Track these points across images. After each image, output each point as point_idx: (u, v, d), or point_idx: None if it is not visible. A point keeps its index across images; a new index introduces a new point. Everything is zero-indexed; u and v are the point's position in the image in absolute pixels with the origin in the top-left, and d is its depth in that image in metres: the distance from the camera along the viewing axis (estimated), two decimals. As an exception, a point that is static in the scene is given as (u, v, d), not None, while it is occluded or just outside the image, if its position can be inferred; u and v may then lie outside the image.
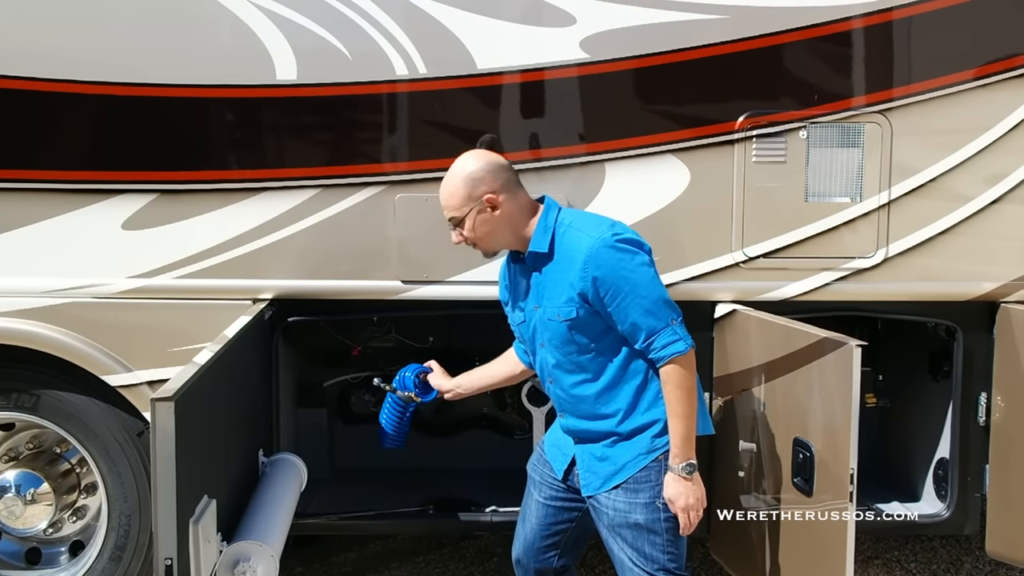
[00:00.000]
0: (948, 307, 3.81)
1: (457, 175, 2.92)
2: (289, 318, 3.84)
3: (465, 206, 2.90)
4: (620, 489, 2.92)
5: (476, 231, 2.93)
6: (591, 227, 2.85)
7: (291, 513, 3.60)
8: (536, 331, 3.00)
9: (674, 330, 2.79)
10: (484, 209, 2.89)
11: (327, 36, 3.61)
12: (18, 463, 4.01)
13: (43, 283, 3.74)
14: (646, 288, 2.78)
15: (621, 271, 2.77)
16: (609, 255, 2.77)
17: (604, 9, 3.61)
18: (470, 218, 2.91)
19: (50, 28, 3.62)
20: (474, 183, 2.89)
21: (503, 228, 2.93)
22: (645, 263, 2.82)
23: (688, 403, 2.82)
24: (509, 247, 3.00)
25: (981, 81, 3.66)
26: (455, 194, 2.91)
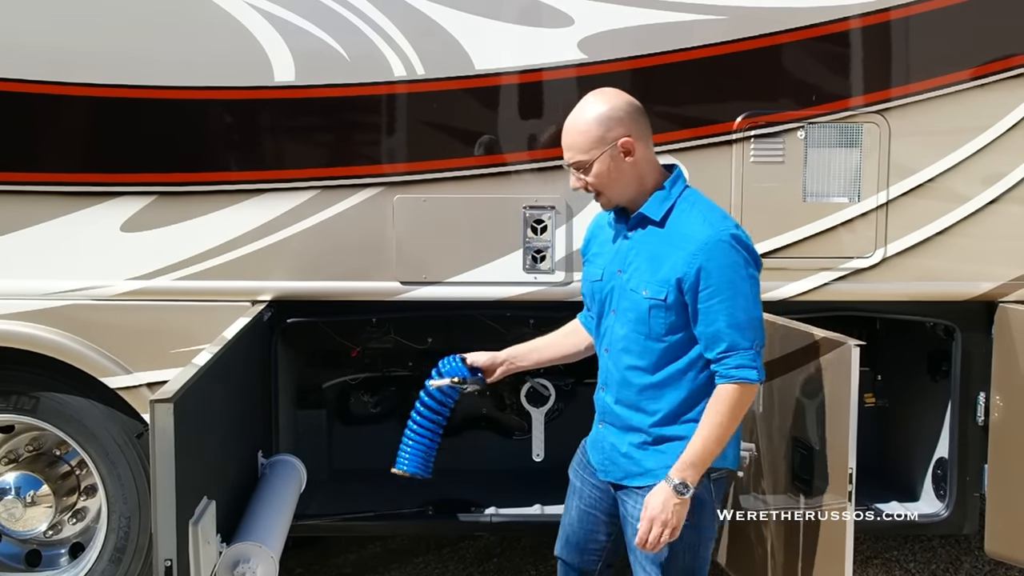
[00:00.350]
0: (946, 307, 3.81)
1: (589, 113, 2.65)
2: (288, 319, 3.84)
3: (596, 149, 2.63)
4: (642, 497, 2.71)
5: (602, 178, 2.65)
6: (717, 217, 2.66)
7: (290, 514, 3.60)
8: (612, 296, 2.77)
9: (754, 356, 2.61)
10: (617, 154, 2.63)
11: (325, 38, 3.61)
12: (18, 465, 4.01)
13: (42, 285, 3.74)
14: (745, 301, 2.60)
15: (730, 273, 2.58)
16: (725, 252, 2.58)
17: (602, 10, 3.61)
18: (600, 162, 2.63)
19: (49, 30, 3.62)
20: (609, 123, 2.62)
21: (632, 179, 2.67)
22: (754, 277, 2.65)
23: (722, 430, 2.61)
24: (628, 202, 2.72)
25: (979, 81, 3.67)
26: (586, 134, 2.64)
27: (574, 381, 4.38)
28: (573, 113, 2.73)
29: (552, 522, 4.10)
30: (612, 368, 2.82)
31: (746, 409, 2.66)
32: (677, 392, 2.71)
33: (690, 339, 2.68)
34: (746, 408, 2.66)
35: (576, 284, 3.75)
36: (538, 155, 3.71)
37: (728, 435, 2.65)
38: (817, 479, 3.11)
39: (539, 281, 3.75)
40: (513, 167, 3.72)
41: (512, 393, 4.37)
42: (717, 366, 2.63)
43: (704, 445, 2.61)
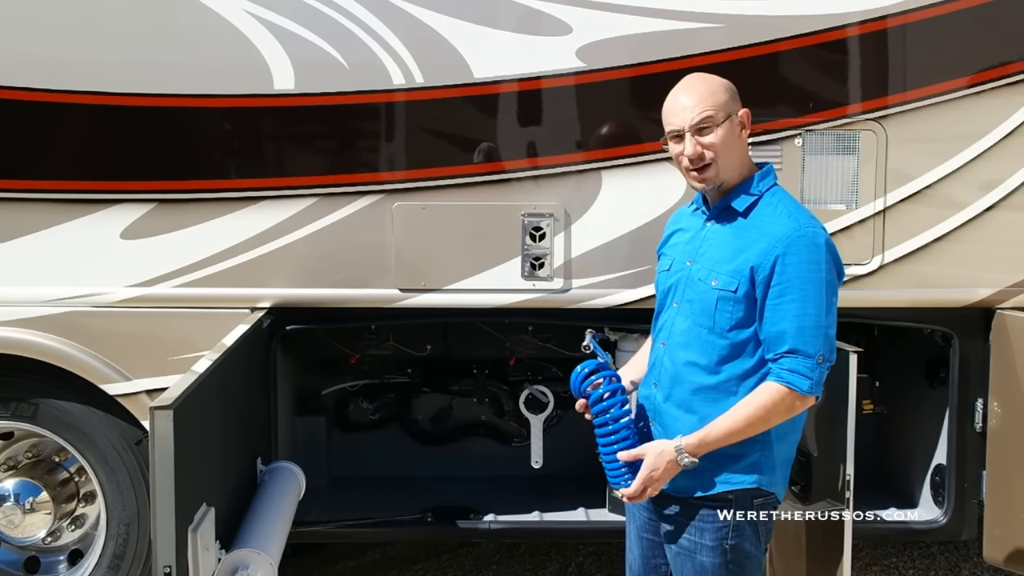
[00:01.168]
0: (944, 313, 3.82)
1: (714, 81, 2.64)
2: (287, 326, 3.84)
3: (725, 110, 2.58)
4: (685, 518, 2.64)
5: (723, 144, 2.57)
6: (804, 215, 2.57)
7: (289, 521, 3.60)
8: (677, 287, 2.69)
9: (814, 366, 2.48)
10: (738, 123, 2.61)
11: (324, 46, 3.62)
12: (17, 472, 4.01)
13: (42, 292, 3.75)
14: (816, 305, 2.49)
15: (807, 272, 2.48)
16: (806, 249, 2.49)
17: (600, 18, 3.62)
18: (724, 127, 2.57)
19: (49, 38, 3.63)
20: (734, 93, 2.63)
21: (742, 155, 2.64)
22: (832, 284, 2.54)
23: (748, 424, 2.50)
24: (727, 180, 2.62)
25: (975, 88, 3.68)
26: (717, 94, 2.60)
27: (572, 388, 4.39)
28: (688, 83, 2.68)
29: (550, 529, 4.14)
30: (668, 363, 2.69)
31: (784, 417, 2.53)
32: (732, 400, 2.57)
33: (755, 341, 2.57)
34: (784, 416, 2.52)
35: (574, 291, 3.76)
36: (537, 163, 3.72)
37: (751, 431, 2.52)
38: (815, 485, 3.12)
39: (538, 288, 3.76)
40: (512, 175, 3.73)
41: (511, 400, 4.38)
42: (773, 365, 2.52)
43: (725, 430, 2.51)
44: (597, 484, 4.16)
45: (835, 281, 2.56)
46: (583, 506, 4.18)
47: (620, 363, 3.92)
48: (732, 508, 2.60)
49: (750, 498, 2.61)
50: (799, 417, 2.62)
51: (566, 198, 3.73)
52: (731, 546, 2.60)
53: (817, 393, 2.51)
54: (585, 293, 3.76)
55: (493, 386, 4.42)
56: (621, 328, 3.91)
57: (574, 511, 4.16)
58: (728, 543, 2.60)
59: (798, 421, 2.65)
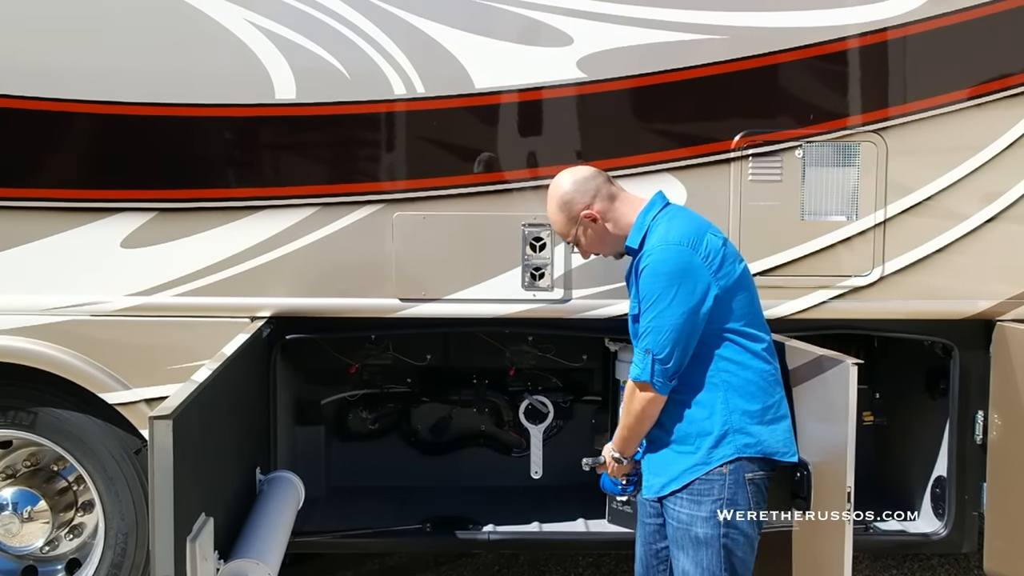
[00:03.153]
0: (944, 325, 3.82)
1: (553, 204, 3.11)
2: (287, 336, 3.84)
3: (571, 227, 3.09)
4: (682, 497, 2.94)
5: (589, 245, 3.13)
6: (662, 231, 2.94)
7: (288, 531, 3.59)
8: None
9: (642, 358, 2.88)
10: (587, 224, 3.06)
11: (326, 56, 3.63)
12: (15, 481, 4.01)
13: (42, 301, 3.75)
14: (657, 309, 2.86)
15: (649, 284, 2.87)
16: (649, 265, 2.89)
17: (601, 29, 3.63)
18: (580, 236, 3.10)
19: (50, 47, 3.64)
20: (569, 205, 3.06)
21: (611, 233, 3.07)
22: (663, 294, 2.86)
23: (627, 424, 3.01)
24: (617, 249, 3.13)
25: (975, 101, 3.69)
26: (557, 221, 3.12)
27: (572, 399, 4.39)
28: (548, 200, 3.14)
29: (550, 540, 4.13)
30: None
31: (635, 409, 2.94)
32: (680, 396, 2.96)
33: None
34: (632, 407, 2.95)
35: (574, 302, 3.76)
36: (537, 173, 3.72)
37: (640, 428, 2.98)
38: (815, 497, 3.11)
39: (538, 299, 3.76)
40: (512, 185, 3.73)
41: (510, 410, 4.37)
42: None
43: (618, 433, 3.09)
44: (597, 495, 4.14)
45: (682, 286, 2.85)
46: (583, 517, 4.17)
47: (620, 373, 3.94)
48: (725, 482, 2.90)
49: (742, 473, 2.91)
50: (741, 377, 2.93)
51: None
52: (726, 520, 2.89)
53: (644, 380, 2.88)
54: (585, 304, 3.76)
55: (493, 396, 4.42)
56: (621, 339, 3.91)
57: (574, 522, 4.15)
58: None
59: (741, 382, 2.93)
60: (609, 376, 4.18)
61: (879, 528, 4.02)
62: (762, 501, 2.96)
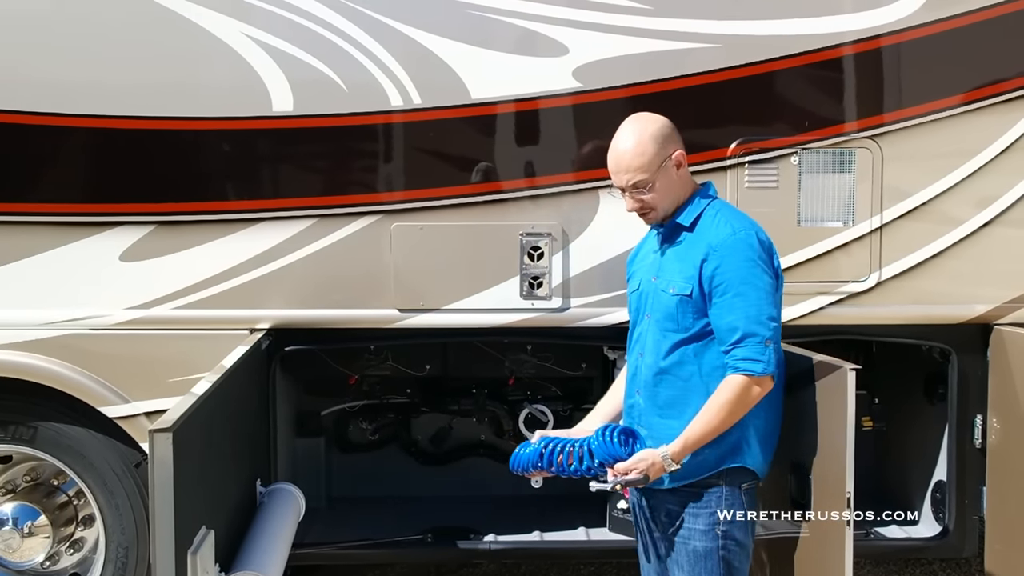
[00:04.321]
0: (942, 330, 3.83)
1: (643, 134, 2.79)
2: (286, 347, 3.84)
3: (654, 165, 2.77)
4: (676, 507, 2.84)
5: (656, 195, 2.80)
6: (739, 221, 2.82)
7: (289, 543, 3.59)
8: (646, 302, 2.94)
9: (762, 349, 2.70)
10: (671, 167, 2.80)
11: (323, 68, 3.64)
12: (16, 496, 4.00)
13: (41, 315, 3.75)
14: (758, 297, 2.72)
15: (744, 270, 2.72)
16: (741, 250, 2.74)
17: (597, 39, 3.65)
18: (659, 179, 2.79)
19: (49, 62, 3.65)
20: (664, 140, 2.79)
21: (679, 190, 2.85)
22: (770, 277, 2.76)
23: (718, 420, 2.72)
24: (669, 211, 2.87)
25: (970, 106, 3.71)
26: (645, 154, 2.76)
27: (572, 407, 4.39)
28: (621, 139, 2.84)
29: (551, 549, 4.12)
30: (645, 371, 2.93)
31: (750, 403, 2.73)
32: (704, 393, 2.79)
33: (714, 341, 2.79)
34: (749, 402, 2.73)
35: (572, 310, 3.77)
36: (534, 182, 3.74)
37: (725, 425, 2.73)
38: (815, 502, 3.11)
39: (536, 307, 3.77)
40: (510, 194, 3.74)
41: (510, 419, 4.37)
42: (727, 358, 2.74)
43: (700, 431, 2.73)
44: (597, 504, 4.16)
45: (771, 274, 2.78)
46: (584, 525, 4.17)
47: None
48: (722, 493, 2.81)
49: (738, 482, 2.83)
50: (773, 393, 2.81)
51: (564, 217, 3.74)
52: (723, 532, 2.81)
53: (771, 372, 2.72)
54: (583, 312, 3.77)
55: (492, 406, 4.42)
56: (620, 347, 3.91)
57: (574, 531, 4.15)
58: (720, 528, 2.80)
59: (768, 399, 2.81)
60: (608, 384, 4.17)
61: (880, 533, 4.02)
62: (755, 508, 2.92)
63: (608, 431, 2.81)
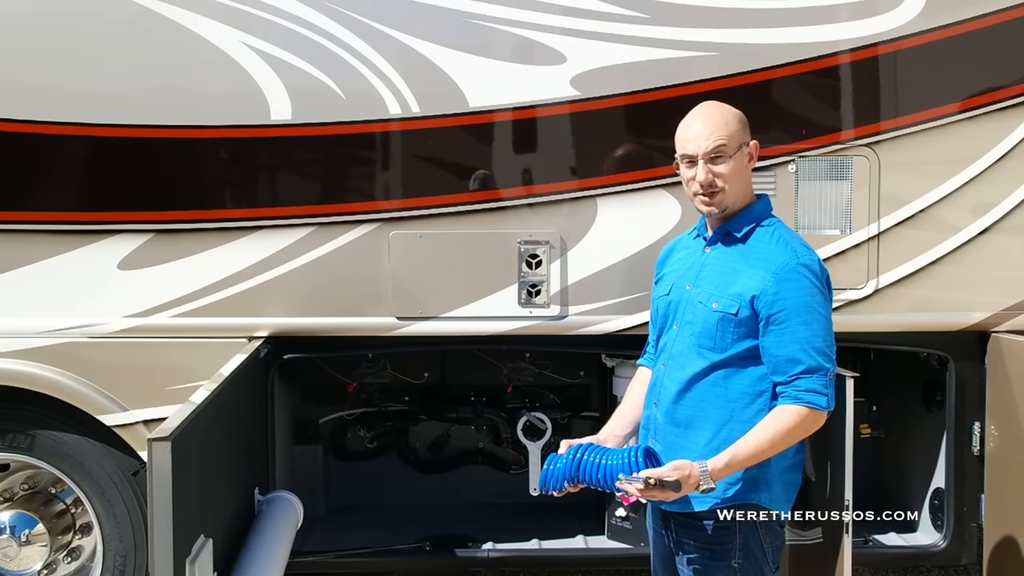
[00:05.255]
0: (939, 337, 3.83)
1: (728, 111, 2.72)
2: (284, 355, 3.84)
3: (738, 140, 2.67)
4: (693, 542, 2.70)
5: (731, 173, 2.66)
6: (798, 244, 2.69)
7: (287, 552, 3.59)
8: (676, 310, 2.77)
9: (827, 383, 2.58)
10: (746, 154, 2.71)
11: (321, 76, 3.65)
12: (13, 504, 3.99)
13: (39, 323, 3.75)
14: (822, 327, 2.61)
15: (807, 298, 2.60)
16: (804, 277, 2.60)
17: (594, 47, 3.66)
18: (736, 158, 2.67)
19: (46, 70, 3.66)
20: (745, 125, 2.72)
21: (746, 185, 2.74)
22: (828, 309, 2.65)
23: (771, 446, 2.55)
24: (731, 206, 2.71)
25: (966, 114, 3.72)
26: (731, 123, 2.68)
27: (570, 415, 4.39)
28: (703, 110, 2.74)
29: (550, 557, 4.12)
30: (668, 383, 2.76)
31: (805, 435, 2.61)
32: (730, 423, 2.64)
33: (753, 360, 2.64)
34: (805, 434, 2.61)
35: (570, 318, 3.77)
36: (532, 190, 3.74)
37: (775, 452, 2.58)
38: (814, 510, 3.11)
39: (534, 315, 3.77)
40: (508, 202, 3.75)
41: (508, 427, 4.37)
42: (787, 387, 2.59)
43: (749, 452, 2.54)
44: (596, 512, 4.16)
45: (829, 307, 2.67)
46: (582, 533, 4.17)
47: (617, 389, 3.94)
48: (738, 528, 2.65)
49: (756, 520, 2.66)
50: None
51: (562, 225, 3.75)
52: (739, 565, 2.65)
53: (832, 408, 2.60)
54: (582, 320, 3.77)
55: (491, 413, 4.41)
56: (618, 354, 3.92)
57: (573, 539, 4.15)
58: (736, 562, 2.65)
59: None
60: (607, 392, 4.19)
61: (878, 541, 4.02)
62: (776, 539, 2.73)
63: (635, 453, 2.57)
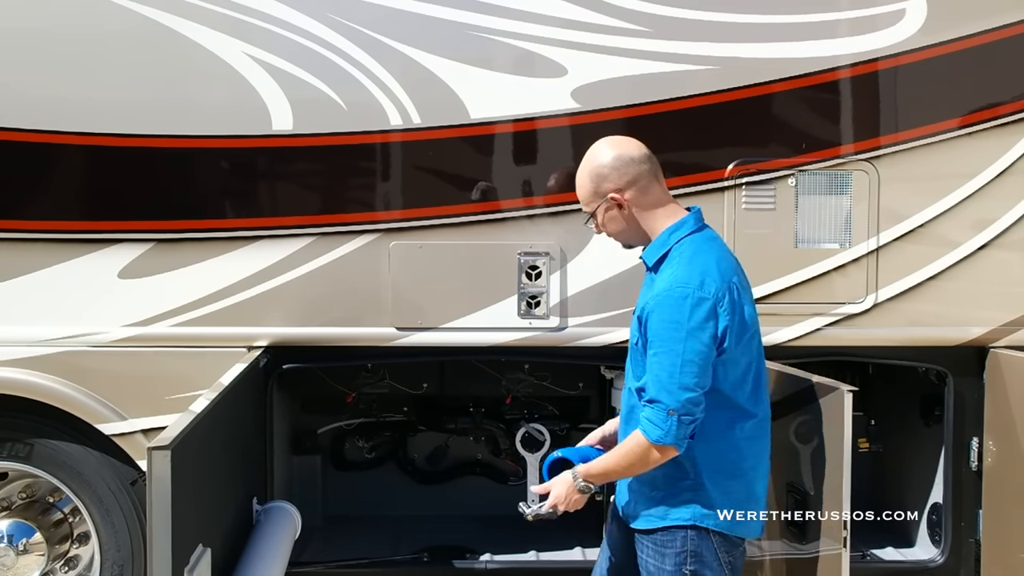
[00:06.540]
0: (938, 352, 3.84)
1: (585, 169, 2.77)
2: (284, 365, 3.84)
3: (592, 202, 2.75)
4: (647, 545, 2.75)
5: (606, 227, 2.78)
6: (684, 271, 2.61)
7: (285, 562, 3.58)
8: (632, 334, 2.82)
9: (665, 417, 2.54)
10: (611, 207, 2.73)
11: (322, 87, 3.66)
12: (11, 513, 3.99)
13: (39, 332, 3.75)
14: (672, 362, 2.54)
15: (670, 330, 2.56)
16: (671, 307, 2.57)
17: (595, 60, 3.67)
18: (599, 214, 2.76)
19: (48, 79, 3.67)
20: (600, 179, 2.72)
21: (634, 226, 2.76)
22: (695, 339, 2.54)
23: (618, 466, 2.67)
24: (635, 244, 2.81)
25: (966, 130, 3.73)
26: (582, 188, 2.78)
27: (569, 426, 4.39)
28: (581, 163, 2.79)
29: (547, 568, 4.11)
30: (623, 400, 2.88)
31: (643, 462, 2.61)
32: None
33: None
34: (642, 461, 2.61)
35: (570, 330, 3.77)
36: (532, 202, 3.75)
37: (628, 472, 2.69)
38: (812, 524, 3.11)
39: (534, 327, 3.77)
40: (508, 214, 3.76)
41: (507, 438, 4.37)
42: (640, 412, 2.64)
43: (602, 467, 2.72)
44: (593, 524, 4.15)
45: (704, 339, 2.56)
46: (580, 545, 4.17)
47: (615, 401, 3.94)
48: (687, 535, 2.69)
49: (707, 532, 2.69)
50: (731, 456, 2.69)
51: (562, 237, 3.75)
52: (691, 571, 2.69)
53: (669, 443, 2.56)
54: (581, 331, 3.78)
55: (489, 424, 4.41)
56: (617, 366, 3.92)
57: (570, 550, 4.15)
58: (688, 569, 2.69)
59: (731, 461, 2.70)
60: (605, 404, 4.18)
61: (876, 555, 4.02)
62: (731, 548, 2.73)
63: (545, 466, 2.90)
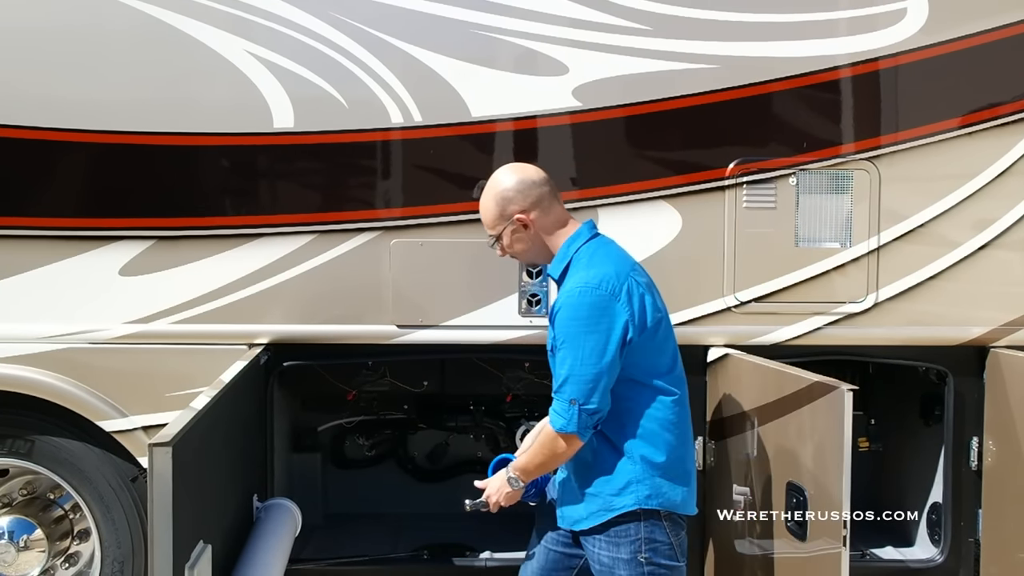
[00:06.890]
0: (938, 352, 3.84)
1: (489, 193, 2.97)
2: (284, 363, 3.85)
3: (498, 225, 2.96)
4: (600, 539, 2.86)
5: (512, 248, 3.00)
6: (584, 272, 2.82)
7: (285, 559, 3.58)
8: None
9: (567, 408, 2.74)
10: (517, 228, 2.94)
11: (324, 85, 3.66)
12: (11, 509, 4.00)
13: (40, 329, 3.75)
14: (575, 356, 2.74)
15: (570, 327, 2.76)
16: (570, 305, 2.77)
17: (596, 59, 3.68)
18: (505, 236, 2.97)
19: (49, 77, 3.67)
20: (505, 202, 2.93)
21: (538, 246, 2.98)
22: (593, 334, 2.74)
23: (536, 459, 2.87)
24: (545, 262, 3.03)
25: (967, 129, 3.73)
26: (487, 212, 2.98)
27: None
28: (485, 189, 3.00)
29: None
30: None
31: (555, 452, 2.81)
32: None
33: None
34: (553, 451, 2.81)
35: (571, 328, 3.77)
36: (533, 201, 3.75)
37: (550, 464, 2.87)
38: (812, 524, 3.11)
39: (534, 325, 3.77)
40: (509, 212, 3.75)
41: (507, 436, 4.37)
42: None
43: (526, 459, 2.92)
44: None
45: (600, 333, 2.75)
46: (579, 544, 4.16)
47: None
48: (640, 524, 2.81)
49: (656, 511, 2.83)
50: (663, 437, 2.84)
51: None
52: (646, 559, 2.81)
53: (571, 431, 2.76)
54: (581, 330, 3.77)
55: (490, 422, 4.42)
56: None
57: (570, 549, 4.14)
58: (643, 556, 2.81)
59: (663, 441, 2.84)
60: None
61: (875, 555, 4.02)
62: (680, 531, 2.88)
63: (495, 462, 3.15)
